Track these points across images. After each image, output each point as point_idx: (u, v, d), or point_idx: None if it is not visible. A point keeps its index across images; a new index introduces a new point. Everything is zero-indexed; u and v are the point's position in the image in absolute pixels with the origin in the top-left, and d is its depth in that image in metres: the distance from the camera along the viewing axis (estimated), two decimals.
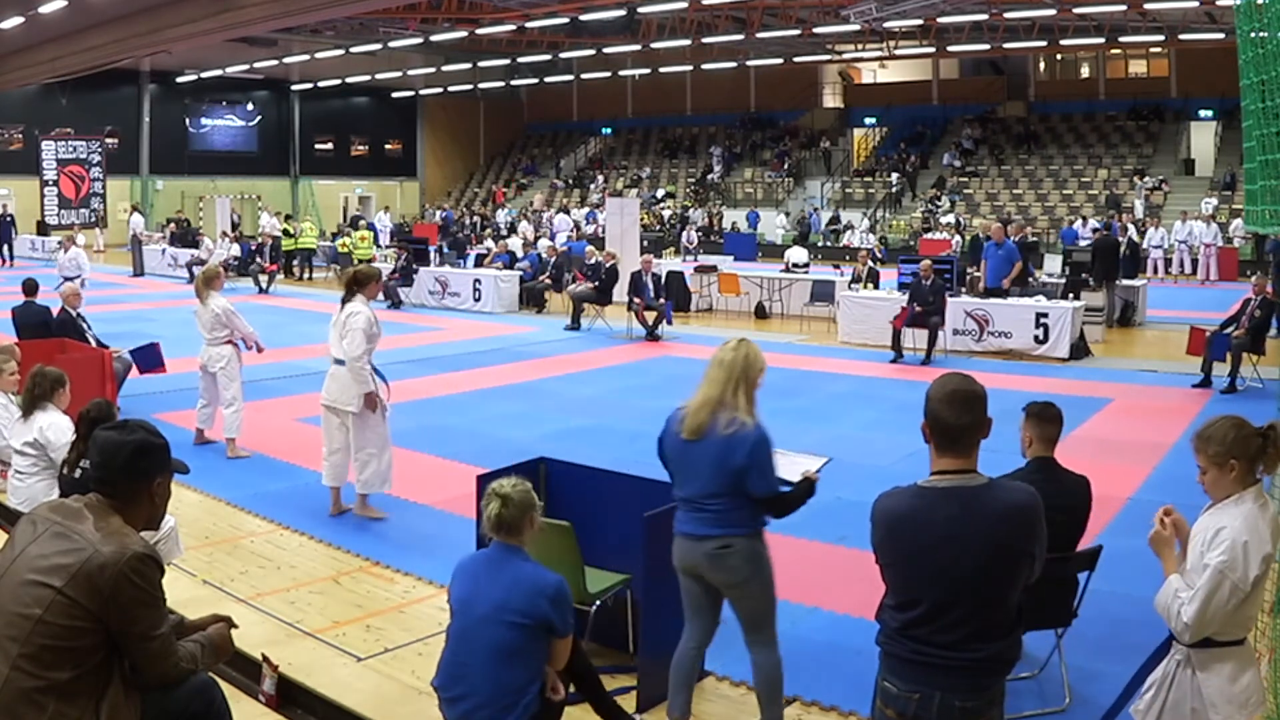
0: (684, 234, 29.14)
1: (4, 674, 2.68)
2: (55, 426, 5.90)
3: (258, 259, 22.92)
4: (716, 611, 4.18)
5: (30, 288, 10.86)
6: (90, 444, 3.11)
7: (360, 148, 42.84)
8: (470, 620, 3.62)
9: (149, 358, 10.19)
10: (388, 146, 43.55)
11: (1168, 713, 3.27)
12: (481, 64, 38.66)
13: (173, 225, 29.29)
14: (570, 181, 41.40)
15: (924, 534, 2.79)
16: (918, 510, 2.82)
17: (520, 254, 22.06)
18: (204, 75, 35.77)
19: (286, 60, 34.45)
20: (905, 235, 30.59)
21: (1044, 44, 29.39)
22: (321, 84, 38.87)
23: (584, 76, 41.34)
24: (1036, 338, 13.92)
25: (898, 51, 32.46)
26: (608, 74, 38.98)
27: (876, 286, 16.18)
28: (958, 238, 26.74)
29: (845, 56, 34.92)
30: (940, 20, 26.96)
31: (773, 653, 4.09)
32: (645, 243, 20.15)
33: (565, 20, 27.08)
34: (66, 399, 6.07)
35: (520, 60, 37.45)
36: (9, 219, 28.96)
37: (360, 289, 7.14)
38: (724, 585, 4.07)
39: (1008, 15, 26.92)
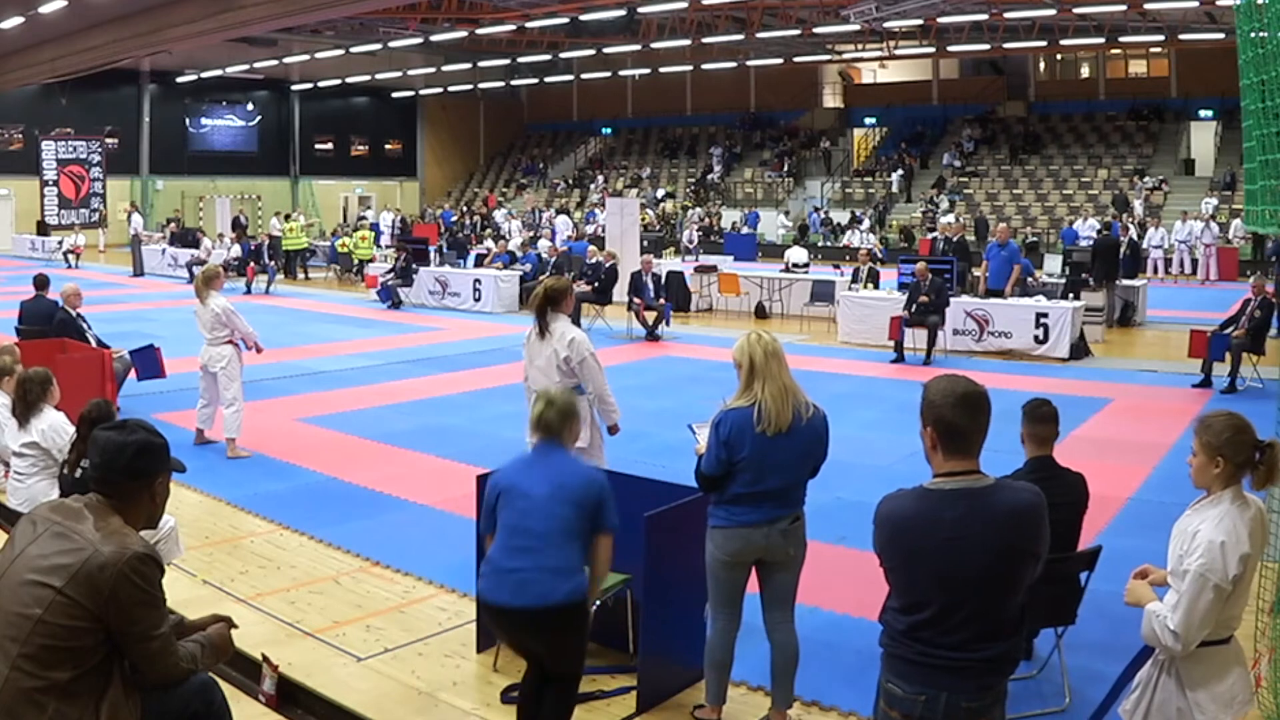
0: (684, 233, 29.17)
1: (4, 674, 2.68)
2: (54, 426, 5.91)
3: (259, 260, 22.89)
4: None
5: (41, 282, 10.92)
6: (90, 444, 3.10)
7: (360, 148, 42.83)
8: (533, 501, 3.81)
9: (148, 364, 10.17)
10: (388, 146, 43.54)
11: (1154, 713, 3.27)
12: (481, 64, 38.66)
13: (173, 225, 29.32)
14: (570, 181, 41.40)
15: (931, 536, 2.78)
16: (923, 512, 2.81)
17: (520, 254, 22.05)
18: (204, 75, 35.75)
19: (286, 60, 34.44)
20: (899, 235, 30.53)
21: (1044, 44, 29.39)
22: (321, 84, 38.85)
23: (584, 76, 41.33)
24: (1036, 338, 13.92)
25: (898, 51, 32.45)
26: (608, 74, 38.97)
27: (876, 286, 16.17)
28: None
29: (845, 56, 34.92)
30: (940, 20, 26.95)
31: (794, 630, 4.27)
32: (645, 243, 20.16)
33: (565, 20, 27.07)
34: (57, 394, 6.08)
35: (520, 60, 37.45)
36: None
37: (556, 307, 6.13)
38: (787, 559, 4.19)
39: (1008, 15, 26.91)
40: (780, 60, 34.50)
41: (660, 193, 37.23)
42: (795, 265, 19.78)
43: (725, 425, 4.09)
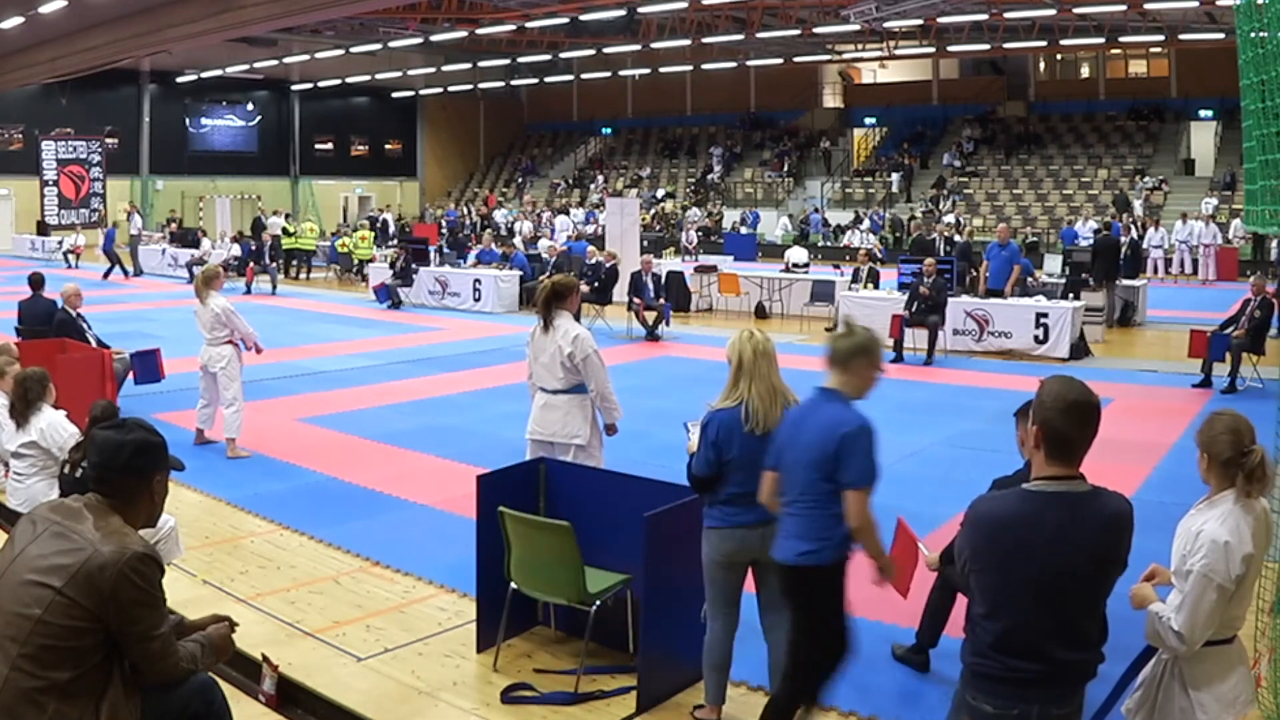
0: (684, 233, 29.15)
1: (4, 674, 2.68)
2: (53, 424, 5.91)
3: (259, 260, 22.86)
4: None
5: (36, 281, 10.89)
6: (89, 443, 3.11)
7: (360, 148, 42.80)
8: (792, 460, 3.81)
9: (147, 368, 10.15)
10: (388, 146, 43.51)
11: (1157, 712, 3.28)
12: (481, 64, 38.63)
13: (173, 225, 29.31)
14: (570, 181, 41.39)
15: (1031, 536, 2.76)
16: (1026, 513, 2.79)
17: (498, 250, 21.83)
18: (204, 75, 35.73)
19: (286, 60, 34.42)
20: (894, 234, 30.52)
21: (1044, 44, 29.37)
22: (321, 84, 38.83)
23: (584, 76, 41.31)
24: (1036, 338, 13.92)
25: (898, 51, 32.44)
26: (608, 74, 38.95)
27: (876, 286, 16.17)
28: (958, 237, 26.72)
29: (845, 56, 34.90)
30: (940, 20, 26.94)
31: None
32: (645, 243, 20.15)
33: (565, 20, 27.06)
34: (54, 393, 6.07)
35: (520, 60, 37.43)
36: None
37: (561, 303, 6.14)
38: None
39: (1008, 15, 26.91)
40: (780, 60, 34.49)
41: (660, 193, 37.22)
42: (795, 265, 19.77)
43: (713, 426, 4.11)
